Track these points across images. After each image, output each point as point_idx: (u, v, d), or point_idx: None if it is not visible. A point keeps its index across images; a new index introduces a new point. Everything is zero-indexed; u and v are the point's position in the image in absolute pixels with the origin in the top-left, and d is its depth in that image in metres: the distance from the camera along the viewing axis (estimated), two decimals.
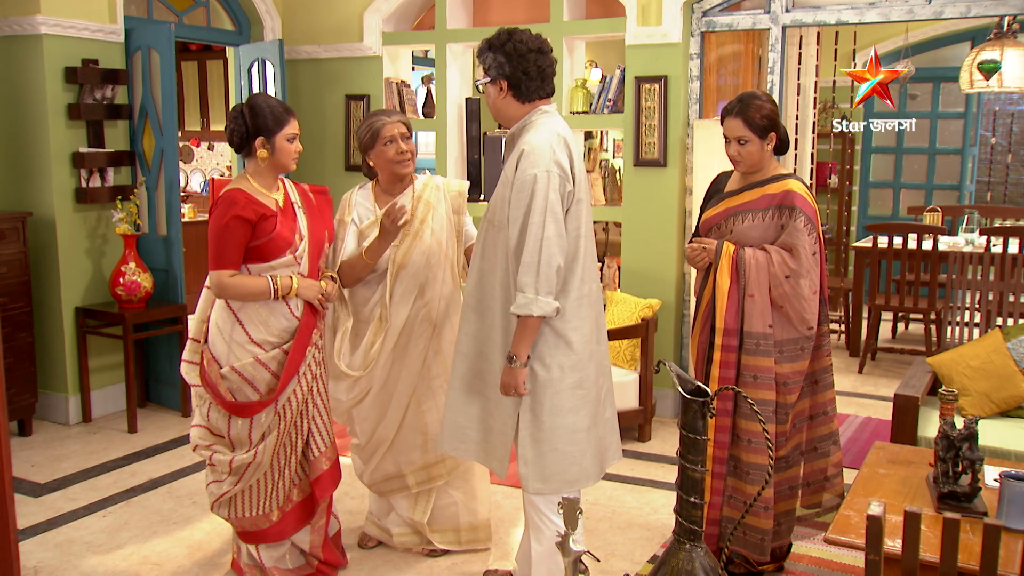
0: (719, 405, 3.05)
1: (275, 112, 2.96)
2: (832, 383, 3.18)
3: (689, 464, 1.90)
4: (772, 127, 3.03)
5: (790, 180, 3.04)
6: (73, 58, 4.92)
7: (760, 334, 3.00)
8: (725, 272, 3.04)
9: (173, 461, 4.53)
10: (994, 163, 8.51)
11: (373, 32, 5.84)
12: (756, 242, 3.05)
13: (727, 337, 3.05)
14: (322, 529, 3.23)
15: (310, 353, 3.04)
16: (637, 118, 5.11)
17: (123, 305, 4.97)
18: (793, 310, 2.97)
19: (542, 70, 2.74)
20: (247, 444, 3.02)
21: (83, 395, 5.06)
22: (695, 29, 5.04)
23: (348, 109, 5.95)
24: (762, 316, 2.99)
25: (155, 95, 5.14)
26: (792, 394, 3.05)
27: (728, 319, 3.04)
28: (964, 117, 8.36)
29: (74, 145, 4.99)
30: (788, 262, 2.95)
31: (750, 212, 3.07)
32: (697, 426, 1.89)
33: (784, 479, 3.16)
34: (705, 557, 1.97)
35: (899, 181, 8.78)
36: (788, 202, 2.98)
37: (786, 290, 2.95)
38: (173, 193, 5.16)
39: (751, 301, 3.00)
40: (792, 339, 3.02)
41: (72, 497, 4.06)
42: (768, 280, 2.98)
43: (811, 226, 2.96)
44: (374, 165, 3.27)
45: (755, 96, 3.08)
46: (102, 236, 5.15)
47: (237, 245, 2.92)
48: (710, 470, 3.08)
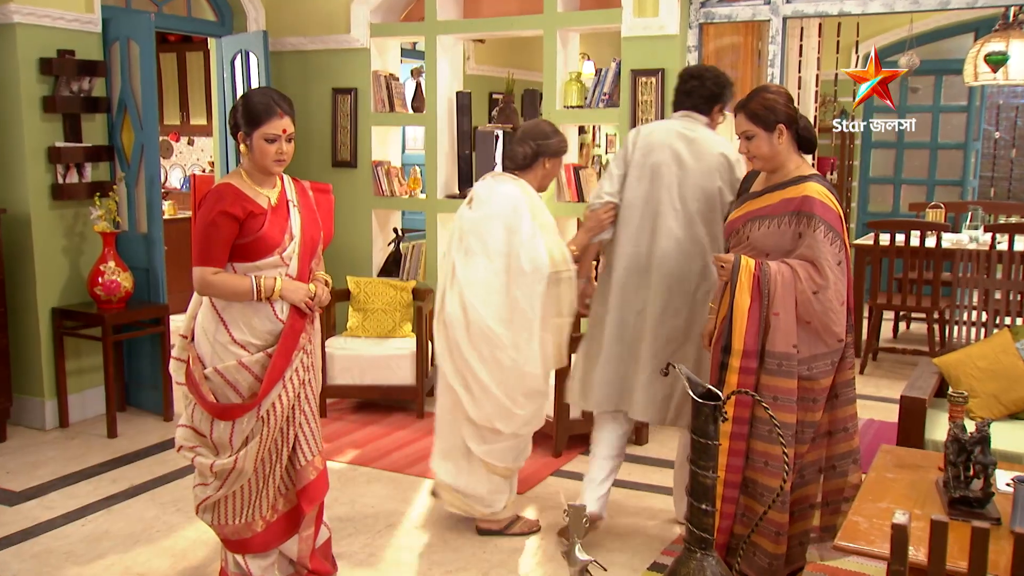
0: (734, 429, 2.95)
1: (254, 109, 2.90)
2: (854, 398, 3.05)
3: (700, 470, 1.89)
4: (778, 118, 2.93)
5: (809, 183, 2.90)
6: (48, 48, 4.86)
7: (783, 354, 2.88)
8: (745, 290, 2.89)
9: (155, 467, 4.49)
10: (997, 158, 8.55)
11: (361, 23, 5.81)
12: (772, 251, 2.94)
13: (746, 360, 2.91)
14: (310, 539, 3.20)
15: (297, 358, 3.01)
16: (633, 112, 5.10)
17: (102, 306, 4.92)
18: (821, 324, 2.86)
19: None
20: (228, 449, 2.98)
21: (60, 399, 5.01)
22: (693, 21, 5.03)
23: (335, 103, 5.92)
24: (786, 336, 2.87)
25: (135, 88, 5.10)
26: (818, 412, 2.94)
27: (748, 340, 2.90)
28: (967, 111, 8.37)
29: (50, 139, 4.93)
30: (815, 277, 2.83)
31: (767, 218, 2.96)
32: (708, 431, 1.88)
33: (799, 498, 3.05)
34: (717, 566, 1.96)
35: (900, 177, 8.80)
36: (806, 209, 2.86)
37: (814, 307, 2.84)
38: (154, 189, 5.12)
39: (776, 319, 2.87)
40: (822, 354, 2.90)
41: (49, 505, 4.02)
42: (795, 297, 2.86)
43: (832, 235, 2.84)
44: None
45: (763, 89, 3.04)
46: (79, 234, 5.11)
47: (223, 242, 2.89)
48: (720, 494, 2.98)
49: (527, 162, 3.57)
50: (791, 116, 2.97)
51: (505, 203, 3.49)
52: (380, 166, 5.91)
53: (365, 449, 4.73)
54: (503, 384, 3.46)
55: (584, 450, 4.69)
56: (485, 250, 3.46)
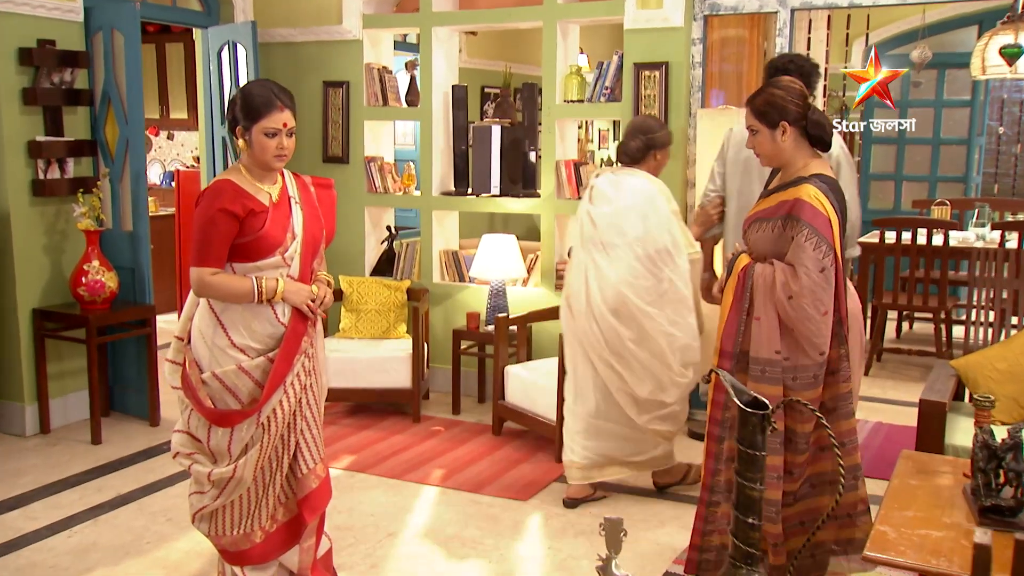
0: (711, 430, 2.98)
1: (253, 102, 2.84)
2: (852, 412, 3.01)
3: (747, 482, 1.86)
4: (782, 116, 2.89)
5: (805, 185, 2.86)
6: (27, 38, 4.77)
7: (766, 360, 2.87)
8: (731, 290, 2.95)
9: (142, 475, 4.41)
10: (1001, 154, 8.57)
11: (353, 14, 5.74)
12: (770, 255, 2.92)
13: (722, 360, 2.95)
14: (311, 549, 3.14)
15: (299, 362, 2.94)
16: (636, 107, 5.07)
17: (86, 306, 4.84)
18: (800, 334, 2.83)
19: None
20: (227, 457, 2.92)
21: (41, 404, 4.93)
22: (698, 13, 5.00)
23: (326, 96, 5.85)
24: (769, 341, 2.86)
25: (119, 80, 5.01)
26: (808, 423, 2.90)
27: (724, 341, 2.95)
28: (970, 105, 8.37)
29: (30, 133, 4.85)
30: (790, 282, 2.80)
31: (765, 221, 2.95)
32: (756, 441, 1.84)
33: (804, 510, 3.03)
34: None
35: (901, 173, 8.79)
36: (795, 212, 2.83)
37: (789, 312, 2.81)
38: (140, 185, 5.04)
39: (757, 324, 2.88)
40: (804, 366, 2.87)
41: (32, 516, 3.94)
42: (774, 301, 2.86)
43: (817, 239, 2.77)
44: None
45: (772, 84, 3.00)
46: (61, 232, 5.02)
47: (222, 241, 2.83)
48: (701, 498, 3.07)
49: (640, 155, 4.00)
50: (799, 114, 2.91)
51: (638, 195, 3.89)
52: (373, 162, 5.85)
53: (361, 455, 4.67)
54: (662, 358, 3.85)
55: None
56: (625, 240, 3.84)
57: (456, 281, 5.76)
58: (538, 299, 5.44)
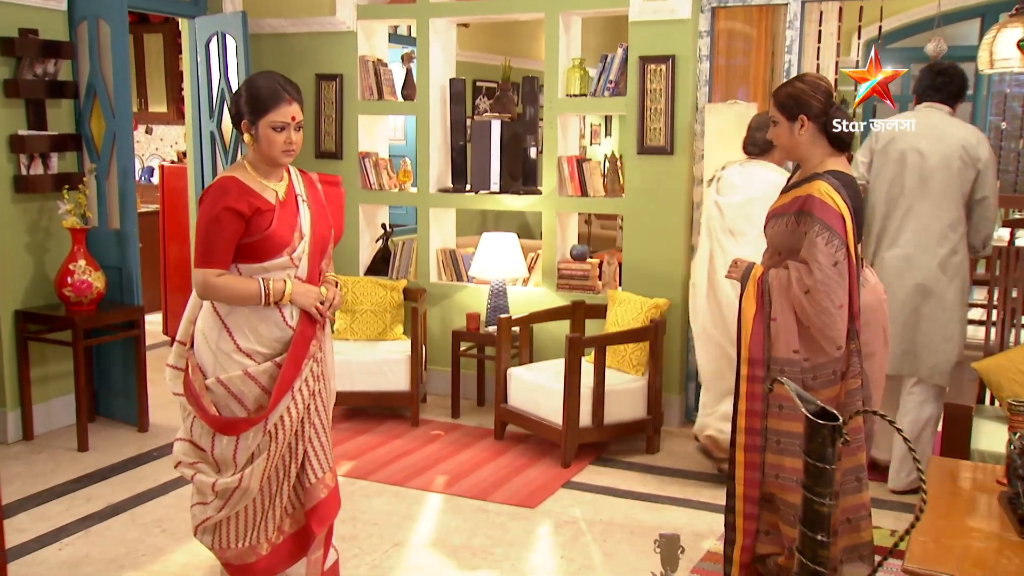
0: (747, 441, 3.00)
1: (259, 95, 2.77)
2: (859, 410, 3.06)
3: (816, 497, 1.80)
4: (801, 110, 2.98)
5: (818, 181, 2.93)
6: (9, 27, 4.66)
7: (785, 360, 2.95)
8: (751, 297, 3.02)
9: (133, 483, 4.32)
10: (1003, 149, 8.58)
11: (347, 5, 5.65)
12: (784, 251, 3.02)
13: (752, 368, 3.00)
14: (319, 562, 3.07)
15: (307, 367, 2.87)
16: (641, 101, 5.02)
17: (71, 308, 4.73)
18: (817, 329, 2.89)
19: None
20: (232, 466, 2.85)
21: (24, 409, 4.81)
22: (705, 4, 4.95)
23: (319, 90, 5.76)
24: (786, 341, 2.95)
25: (105, 72, 4.90)
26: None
27: (753, 349, 3.00)
28: (973, 101, 8.40)
29: (12, 127, 4.74)
30: (804, 277, 2.89)
31: (780, 217, 3.04)
32: (825, 454, 1.79)
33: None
34: None
35: None
36: (807, 208, 2.91)
37: (807, 308, 2.89)
38: (127, 182, 4.93)
39: (775, 324, 2.97)
40: (823, 363, 2.94)
41: (19, 528, 3.83)
42: (791, 300, 2.93)
43: (829, 234, 2.84)
44: None
45: (798, 77, 3.10)
46: (45, 230, 4.91)
47: (227, 241, 2.75)
48: (741, 511, 3.05)
49: (767, 146, 4.12)
50: (821, 110, 2.99)
51: (767, 186, 3.95)
52: (367, 158, 5.76)
53: (360, 461, 4.59)
54: None
55: (594, 460, 4.61)
56: (755, 229, 3.85)
57: (454, 280, 5.69)
58: (539, 299, 5.38)
